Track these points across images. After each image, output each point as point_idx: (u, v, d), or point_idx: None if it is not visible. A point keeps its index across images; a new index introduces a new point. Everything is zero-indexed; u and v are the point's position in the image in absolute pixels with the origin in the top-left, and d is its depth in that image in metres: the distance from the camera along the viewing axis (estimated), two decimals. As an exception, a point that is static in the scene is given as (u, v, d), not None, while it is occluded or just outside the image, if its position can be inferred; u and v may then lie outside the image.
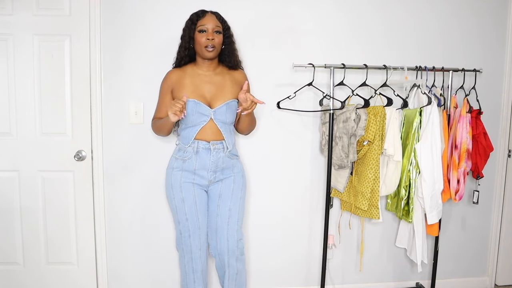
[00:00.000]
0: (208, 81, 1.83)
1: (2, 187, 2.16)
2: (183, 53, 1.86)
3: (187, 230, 1.83)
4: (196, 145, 1.80)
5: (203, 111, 1.77)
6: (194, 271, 1.87)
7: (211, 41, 1.75)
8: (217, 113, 1.79)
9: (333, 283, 2.42)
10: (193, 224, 1.82)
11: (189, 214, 1.82)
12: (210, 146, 1.80)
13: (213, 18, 1.79)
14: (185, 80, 1.82)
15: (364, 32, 2.26)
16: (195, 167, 1.81)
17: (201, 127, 1.79)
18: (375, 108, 1.98)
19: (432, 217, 1.99)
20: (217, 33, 1.78)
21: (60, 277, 2.24)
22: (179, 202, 1.83)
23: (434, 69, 2.07)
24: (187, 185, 1.82)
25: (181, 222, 1.84)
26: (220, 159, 1.82)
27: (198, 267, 1.86)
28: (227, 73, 1.88)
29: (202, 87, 1.81)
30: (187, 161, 1.81)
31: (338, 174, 2.13)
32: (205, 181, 1.84)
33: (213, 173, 1.83)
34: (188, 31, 1.81)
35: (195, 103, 1.77)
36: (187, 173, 1.82)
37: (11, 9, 2.05)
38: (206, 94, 1.81)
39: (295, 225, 2.34)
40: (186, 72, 1.85)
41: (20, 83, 2.09)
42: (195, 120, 1.78)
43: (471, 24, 2.32)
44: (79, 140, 2.15)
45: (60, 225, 2.20)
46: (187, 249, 1.84)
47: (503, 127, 2.42)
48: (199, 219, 1.84)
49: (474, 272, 2.54)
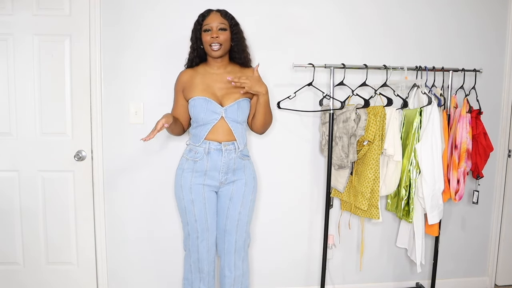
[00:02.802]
0: (219, 79, 1.81)
1: (2, 187, 2.16)
2: (192, 54, 1.86)
3: (195, 231, 1.81)
4: (207, 146, 1.78)
5: (214, 109, 1.76)
6: (201, 271, 1.85)
7: (215, 39, 1.74)
8: (228, 111, 1.77)
9: (333, 283, 2.42)
10: (202, 226, 1.80)
11: (198, 215, 1.80)
12: (221, 147, 1.77)
13: (217, 16, 1.77)
14: (196, 80, 1.82)
15: (364, 32, 2.26)
16: (206, 168, 1.79)
17: (212, 126, 1.76)
18: (375, 108, 1.98)
19: (433, 217, 1.99)
20: (222, 30, 1.76)
21: (60, 277, 2.24)
22: (188, 204, 1.80)
23: (434, 69, 2.07)
24: (197, 187, 1.80)
25: (190, 223, 1.81)
26: (232, 160, 1.80)
27: (205, 268, 1.83)
28: (239, 71, 1.86)
29: (213, 86, 1.80)
30: (198, 162, 1.79)
31: (338, 174, 2.13)
32: (216, 183, 1.82)
33: (225, 175, 1.81)
34: (195, 32, 1.81)
35: (205, 100, 1.75)
36: (198, 174, 1.80)
37: (11, 9, 2.05)
38: (217, 93, 1.79)
39: (295, 225, 2.34)
40: (197, 71, 1.85)
41: (20, 83, 2.09)
42: (206, 118, 1.76)
43: (471, 24, 2.32)
44: (79, 140, 2.15)
45: (60, 225, 2.20)
46: (194, 250, 1.83)
47: (503, 127, 2.42)
48: (208, 220, 1.82)
49: (474, 272, 2.54)
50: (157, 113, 2.14)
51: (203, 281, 1.86)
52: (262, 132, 1.93)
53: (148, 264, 2.27)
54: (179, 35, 2.09)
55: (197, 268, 1.85)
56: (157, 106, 2.14)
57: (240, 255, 1.84)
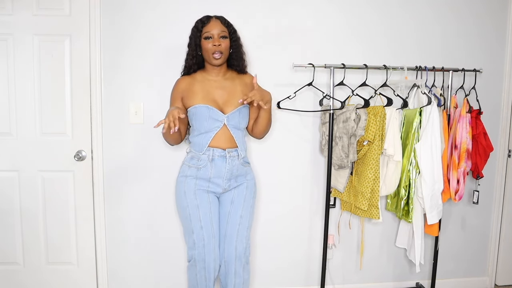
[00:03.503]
0: (218, 86, 1.80)
1: (2, 187, 2.16)
2: (191, 61, 1.82)
3: (201, 239, 1.74)
4: (211, 153, 1.76)
5: (216, 117, 1.74)
6: (207, 280, 1.77)
7: (218, 47, 1.72)
8: (230, 119, 1.76)
9: (333, 283, 2.42)
10: (208, 232, 1.74)
11: (203, 221, 1.75)
12: (226, 154, 1.76)
13: (217, 24, 1.75)
14: (195, 87, 1.79)
15: (364, 32, 2.26)
16: (210, 175, 1.77)
17: (214, 134, 1.75)
18: (375, 108, 1.98)
19: (432, 217, 1.99)
20: (223, 38, 1.74)
21: (60, 277, 2.24)
22: (193, 209, 1.75)
23: (434, 69, 2.07)
24: (202, 192, 1.78)
25: (195, 231, 1.74)
26: (235, 167, 1.79)
27: (212, 276, 1.76)
28: (236, 77, 1.85)
29: (213, 93, 1.78)
30: (201, 169, 1.77)
31: (338, 174, 2.13)
32: (220, 189, 1.80)
33: (228, 181, 1.80)
34: (194, 38, 1.78)
35: (208, 108, 1.74)
36: (202, 181, 1.78)
37: (11, 9, 2.05)
38: (218, 100, 1.78)
39: (295, 225, 2.34)
40: (195, 78, 1.82)
41: (20, 83, 2.09)
42: (208, 126, 1.75)
43: (471, 24, 2.32)
44: (79, 140, 2.15)
45: (60, 225, 2.20)
46: (201, 259, 1.74)
47: (503, 127, 2.42)
48: (213, 226, 1.77)
49: (474, 272, 2.54)
50: (157, 113, 2.15)
51: None
52: (262, 137, 1.93)
53: (148, 264, 2.27)
54: (179, 35, 2.09)
55: (203, 277, 1.77)
56: (157, 106, 2.15)
57: (241, 263, 1.79)
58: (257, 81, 1.72)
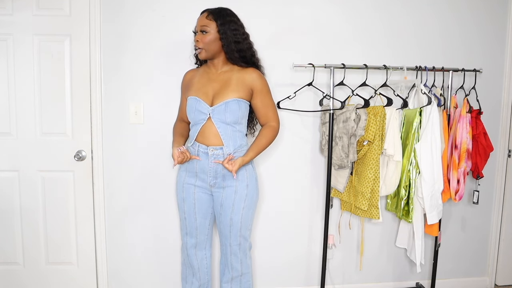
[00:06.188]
0: (215, 79, 1.79)
1: (2, 187, 2.16)
2: (194, 56, 1.92)
3: (184, 227, 1.89)
4: (196, 148, 1.77)
5: (201, 109, 1.73)
6: (190, 266, 1.93)
7: (196, 43, 1.74)
8: (215, 112, 1.71)
9: (333, 283, 2.42)
10: (190, 224, 1.87)
11: (187, 214, 1.85)
12: (208, 151, 1.74)
13: (202, 18, 1.73)
14: (195, 79, 1.84)
15: (364, 32, 2.26)
16: (196, 169, 1.79)
17: (200, 127, 1.75)
18: (375, 108, 1.98)
19: (432, 217, 1.99)
20: (203, 33, 1.71)
21: (60, 277, 2.24)
22: (180, 201, 1.87)
23: (434, 69, 2.07)
24: (189, 187, 1.83)
25: (181, 219, 1.90)
26: (220, 166, 1.75)
27: (194, 263, 1.90)
28: (237, 71, 1.77)
29: (207, 86, 1.78)
30: (190, 162, 1.80)
31: (338, 174, 2.13)
32: (206, 185, 1.81)
33: (214, 179, 1.78)
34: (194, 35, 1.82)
35: (196, 100, 1.75)
36: (191, 174, 1.82)
37: (11, 9, 2.05)
38: (210, 93, 1.76)
39: (295, 225, 2.34)
40: (198, 71, 1.87)
41: (20, 83, 2.09)
42: (195, 118, 1.76)
43: (471, 24, 2.32)
44: (79, 140, 2.15)
45: (60, 225, 2.20)
46: (184, 245, 1.91)
47: (503, 127, 2.42)
48: (198, 220, 1.85)
49: (474, 272, 2.54)
50: (157, 113, 2.15)
51: (195, 276, 1.93)
52: None
53: (148, 264, 2.27)
54: (180, 35, 2.09)
55: (187, 263, 1.92)
56: (157, 106, 2.15)
57: (237, 257, 1.84)
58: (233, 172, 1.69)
